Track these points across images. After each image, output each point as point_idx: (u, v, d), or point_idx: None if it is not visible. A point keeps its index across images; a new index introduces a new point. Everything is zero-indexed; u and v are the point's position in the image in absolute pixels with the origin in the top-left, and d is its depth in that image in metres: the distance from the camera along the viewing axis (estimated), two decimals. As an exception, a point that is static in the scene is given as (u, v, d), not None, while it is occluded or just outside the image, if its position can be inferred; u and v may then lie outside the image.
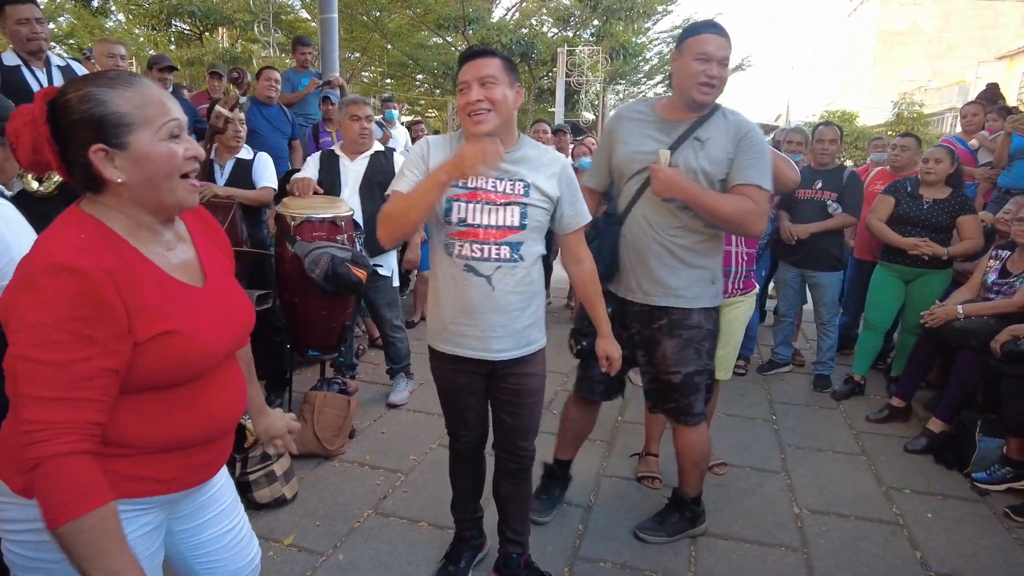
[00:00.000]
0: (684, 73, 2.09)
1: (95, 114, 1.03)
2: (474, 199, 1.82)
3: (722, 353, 2.91)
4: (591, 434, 3.40)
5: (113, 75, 1.08)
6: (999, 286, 3.47)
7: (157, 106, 1.09)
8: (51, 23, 23.37)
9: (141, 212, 1.12)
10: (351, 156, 3.51)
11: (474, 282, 1.85)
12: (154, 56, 5.24)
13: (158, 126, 1.08)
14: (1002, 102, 5.25)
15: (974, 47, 42.28)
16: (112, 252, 1.05)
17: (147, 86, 1.10)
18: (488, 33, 14.62)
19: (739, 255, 2.75)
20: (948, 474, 3.17)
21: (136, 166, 1.07)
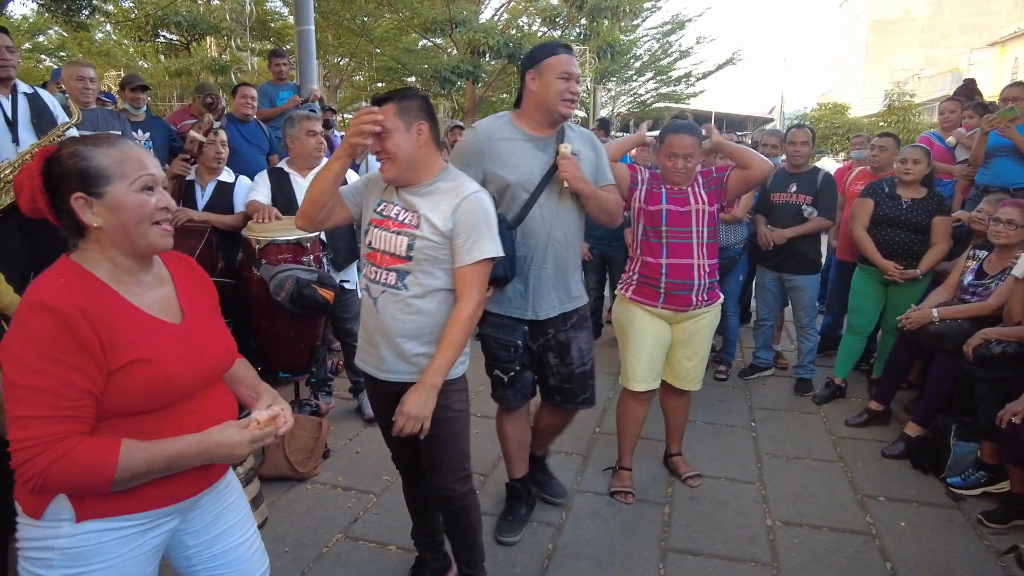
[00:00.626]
0: (548, 91, 2.25)
1: (79, 167, 1.21)
2: (380, 225, 1.92)
3: (690, 365, 2.92)
4: (566, 447, 3.42)
5: (101, 137, 1.28)
6: (975, 287, 3.45)
7: (135, 163, 1.25)
8: (41, 36, 23.47)
9: (119, 255, 1.27)
10: (303, 172, 3.47)
11: (367, 302, 1.97)
12: (126, 76, 5.22)
13: (133, 179, 1.24)
14: (979, 98, 5.23)
15: (966, 34, 42.19)
16: (86, 292, 1.19)
17: (129, 146, 1.27)
18: (475, 35, 14.57)
19: (701, 268, 2.73)
20: (924, 479, 3.15)
21: (111, 213, 1.23)
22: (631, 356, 2.84)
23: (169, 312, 1.34)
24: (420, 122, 1.85)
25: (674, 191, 2.75)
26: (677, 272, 2.71)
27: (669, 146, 2.69)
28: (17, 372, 1.13)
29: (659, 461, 3.27)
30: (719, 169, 2.81)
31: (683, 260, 2.71)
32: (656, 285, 2.74)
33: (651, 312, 2.80)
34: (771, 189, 4.20)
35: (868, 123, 23.39)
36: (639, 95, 25.62)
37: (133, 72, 17.70)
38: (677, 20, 21.68)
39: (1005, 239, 3.28)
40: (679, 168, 2.68)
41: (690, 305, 2.75)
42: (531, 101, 2.31)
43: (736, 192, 2.82)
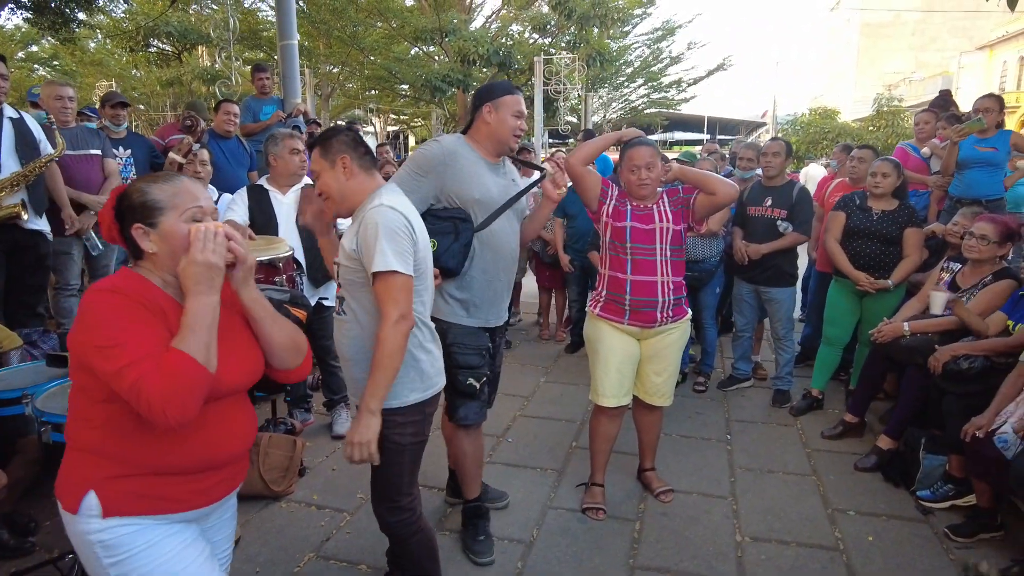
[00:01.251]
0: (503, 126, 2.46)
1: (139, 201, 1.40)
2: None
3: (659, 380, 2.95)
4: (541, 462, 3.45)
5: (162, 175, 1.47)
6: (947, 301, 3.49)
7: (185, 196, 1.43)
8: (34, 46, 23.48)
9: (169, 275, 1.44)
10: (283, 189, 3.50)
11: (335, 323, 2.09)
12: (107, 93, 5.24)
13: (182, 211, 1.42)
14: (954, 109, 5.29)
15: (956, 38, 42.43)
16: (145, 290, 1.39)
17: (183, 182, 1.46)
18: (465, 44, 14.65)
19: (665, 285, 2.77)
20: (895, 492, 3.18)
21: (163, 240, 1.41)
22: (600, 371, 2.88)
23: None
24: (342, 156, 1.94)
25: (639, 208, 2.79)
26: (641, 289, 2.75)
27: (629, 160, 2.77)
28: (99, 338, 1.29)
29: (633, 476, 3.29)
30: (686, 190, 2.85)
31: (647, 277, 2.75)
32: (621, 302, 2.79)
33: (618, 328, 2.84)
34: (747, 202, 4.24)
35: (858, 127, 23.50)
36: (631, 101, 25.71)
37: (121, 84, 17.73)
38: (667, 26, 21.78)
39: (977, 254, 3.31)
40: (643, 179, 2.73)
41: (655, 322, 2.78)
42: (485, 132, 2.49)
43: (704, 214, 2.85)
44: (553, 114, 15.43)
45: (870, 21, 47.39)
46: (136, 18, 15.80)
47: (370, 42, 17.48)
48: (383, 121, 28.63)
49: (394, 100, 23.42)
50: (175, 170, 3.40)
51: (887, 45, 47.52)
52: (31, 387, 2.37)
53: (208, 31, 14.28)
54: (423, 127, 28.89)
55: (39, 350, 3.28)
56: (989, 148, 4.36)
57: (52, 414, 2.09)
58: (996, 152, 4.37)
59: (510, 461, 3.48)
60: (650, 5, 20.19)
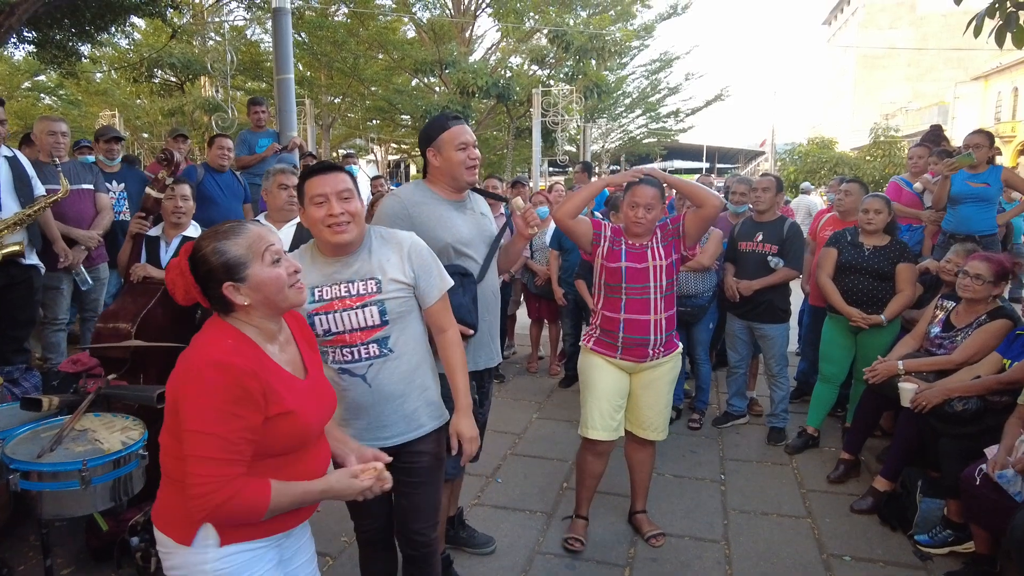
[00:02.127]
0: (451, 163, 2.36)
1: (221, 262, 1.42)
2: (331, 310, 1.89)
3: (651, 413, 2.94)
4: (530, 504, 3.38)
5: (227, 228, 1.46)
6: (941, 339, 3.45)
7: (259, 241, 1.46)
8: (41, 75, 23.81)
9: (263, 321, 1.49)
10: (278, 225, 3.49)
11: (351, 382, 1.93)
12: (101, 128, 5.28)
13: (262, 257, 1.45)
14: (945, 144, 5.30)
15: (951, 68, 43.02)
16: (251, 353, 1.43)
17: (250, 229, 1.47)
18: (465, 76, 14.84)
19: (658, 323, 2.80)
20: (892, 536, 3.10)
21: (255, 291, 1.45)
22: (590, 403, 2.92)
23: (297, 369, 1.57)
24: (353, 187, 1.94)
25: (633, 247, 2.81)
26: (634, 328, 2.79)
27: (632, 195, 2.77)
28: (199, 419, 1.34)
29: (623, 518, 3.22)
30: (673, 221, 2.88)
31: (640, 316, 2.78)
32: (614, 339, 2.82)
33: (610, 362, 2.87)
34: (738, 237, 4.22)
35: (856, 156, 23.66)
36: (629, 131, 25.96)
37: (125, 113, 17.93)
38: (665, 58, 22.09)
39: (971, 293, 3.28)
40: (640, 217, 2.75)
41: (646, 357, 2.82)
42: (437, 174, 2.42)
43: (696, 235, 2.88)
44: (552, 144, 15.57)
45: (866, 52, 48.08)
46: (140, 49, 16.05)
47: (371, 74, 17.72)
48: (384, 150, 28.89)
49: (395, 130, 23.67)
50: (150, 205, 3.36)
51: (883, 75, 48.19)
52: (2, 431, 2.32)
53: (208, 63, 14.55)
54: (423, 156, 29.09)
55: (20, 388, 3.23)
56: (982, 184, 4.35)
57: (20, 461, 2.04)
58: (988, 188, 4.36)
59: (499, 503, 3.40)
60: (647, 37, 20.53)
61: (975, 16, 3.73)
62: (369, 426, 1.96)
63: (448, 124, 2.37)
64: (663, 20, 19.95)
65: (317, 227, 1.85)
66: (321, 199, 1.83)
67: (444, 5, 18.70)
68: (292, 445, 1.49)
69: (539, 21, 16.88)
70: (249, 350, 1.44)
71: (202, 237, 1.47)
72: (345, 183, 1.86)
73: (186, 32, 15.18)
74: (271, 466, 1.46)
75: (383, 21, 17.79)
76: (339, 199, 1.82)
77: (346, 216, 1.82)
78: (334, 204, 1.81)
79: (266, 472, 1.44)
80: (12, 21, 5.60)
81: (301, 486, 1.48)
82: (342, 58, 16.59)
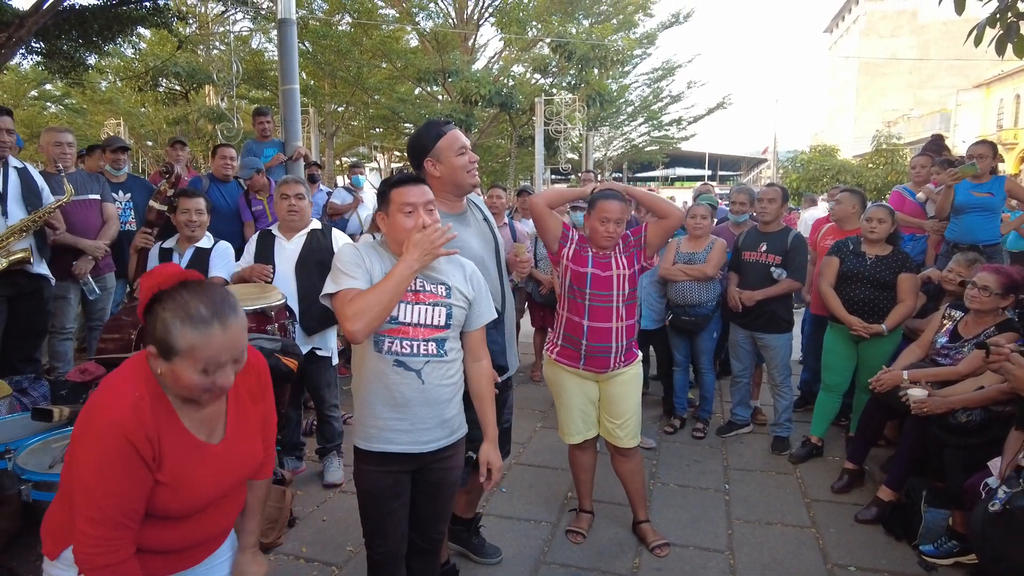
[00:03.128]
0: (453, 169, 2.34)
1: (160, 335, 1.35)
2: (405, 299, 1.93)
3: (619, 422, 3.00)
4: (535, 514, 3.39)
5: (195, 314, 1.34)
6: (948, 350, 3.45)
7: (205, 352, 1.35)
8: (48, 84, 23.96)
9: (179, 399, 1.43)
10: (287, 235, 3.52)
11: (405, 376, 1.95)
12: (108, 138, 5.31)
13: (195, 362, 1.34)
14: (947, 153, 5.32)
15: (953, 76, 43.05)
16: (155, 414, 1.36)
17: (212, 335, 1.34)
18: (468, 84, 14.92)
19: (620, 330, 2.88)
20: (897, 546, 3.10)
21: (170, 375, 1.37)
22: (563, 414, 3.06)
23: (214, 432, 1.50)
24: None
25: (600, 256, 2.89)
26: (597, 335, 2.87)
27: (600, 211, 2.83)
28: (90, 476, 1.31)
29: (627, 527, 3.22)
30: (635, 232, 2.94)
31: (603, 324, 2.87)
32: (578, 347, 2.90)
33: (575, 373, 2.97)
34: (742, 247, 4.24)
35: (858, 164, 23.70)
36: (631, 139, 26.03)
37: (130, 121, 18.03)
38: (667, 66, 22.17)
39: (979, 304, 3.29)
40: (610, 232, 2.82)
41: (608, 367, 2.90)
42: (438, 185, 2.33)
43: (657, 244, 2.96)
44: (554, 153, 15.62)
45: (868, 59, 48.15)
46: (146, 59, 16.16)
47: (374, 82, 17.82)
48: (388, 159, 28.98)
49: (398, 138, 23.76)
50: (154, 218, 3.39)
51: (885, 83, 48.27)
52: (14, 441, 2.35)
53: (213, 72, 14.66)
54: (427, 164, 29.16)
55: (29, 398, 3.26)
56: (985, 193, 4.37)
57: (33, 472, 2.07)
58: (992, 197, 4.39)
59: (504, 513, 3.41)
60: (649, 46, 20.62)
61: (976, 26, 3.76)
62: (411, 428, 1.98)
63: (443, 131, 2.36)
64: (665, 29, 20.07)
65: (405, 234, 1.90)
66: (410, 208, 1.90)
67: (447, 14, 18.83)
68: (171, 514, 1.43)
69: (541, 30, 16.98)
70: (156, 409, 1.38)
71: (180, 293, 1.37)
72: (429, 196, 1.95)
73: (191, 42, 15.27)
74: (149, 527, 1.41)
75: (386, 30, 17.90)
76: (426, 210, 1.92)
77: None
78: (423, 214, 1.90)
79: (152, 527, 1.41)
80: (22, 33, 5.67)
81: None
82: (346, 67, 16.70)
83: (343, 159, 25.03)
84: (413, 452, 1.99)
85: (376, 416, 1.97)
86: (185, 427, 1.42)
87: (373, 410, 1.97)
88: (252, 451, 1.59)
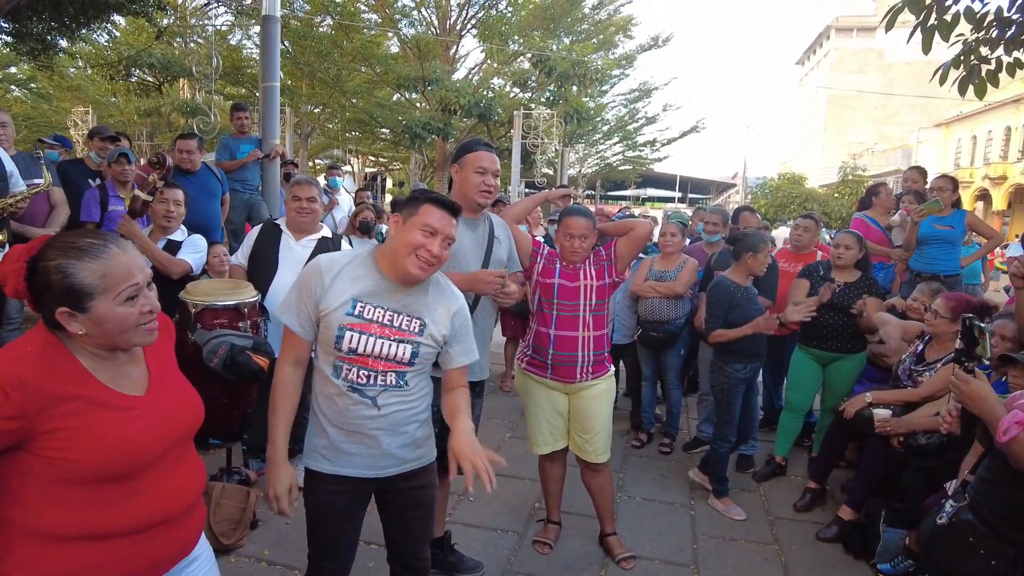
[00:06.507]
0: (467, 182, 2.51)
1: (63, 284, 1.25)
2: (367, 331, 1.83)
3: (588, 437, 3.01)
4: (502, 524, 3.37)
5: (85, 245, 1.27)
6: (911, 371, 3.56)
7: (119, 275, 1.28)
8: (12, 67, 23.27)
9: (97, 349, 1.33)
10: (296, 235, 3.45)
11: (358, 400, 1.87)
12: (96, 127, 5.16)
13: (116, 293, 1.28)
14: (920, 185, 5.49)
15: (915, 113, 44.77)
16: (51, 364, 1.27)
17: (114, 256, 1.29)
18: (447, 94, 14.94)
19: (586, 340, 2.90)
20: (856, 565, 3.17)
21: (95, 324, 1.29)
22: (532, 424, 3.08)
23: (136, 385, 1.41)
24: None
25: (567, 267, 2.95)
26: (563, 344, 2.90)
27: (567, 227, 2.90)
28: None
29: (594, 540, 3.23)
30: (605, 248, 2.99)
31: (569, 333, 2.90)
32: (545, 356, 2.93)
33: (543, 383, 2.98)
34: (715, 267, 4.32)
35: (824, 193, 24.38)
36: (606, 157, 26.35)
37: (98, 111, 17.61)
38: (644, 88, 22.54)
39: (932, 329, 3.42)
40: (576, 247, 2.89)
41: (575, 378, 2.91)
42: (457, 190, 2.56)
43: (628, 258, 2.99)
44: (530, 166, 15.74)
45: (836, 93, 49.73)
46: (120, 48, 15.83)
47: (353, 86, 17.74)
48: (362, 162, 28.81)
49: (374, 143, 23.67)
50: (139, 207, 3.32)
51: (852, 116, 49.92)
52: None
53: (190, 65, 14.42)
54: (401, 171, 29.13)
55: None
56: (946, 227, 4.54)
57: None
58: (952, 230, 4.56)
59: (470, 521, 3.39)
60: (628, 67, 20.95)
61: (942, 66, 3.93)
62: (367, 453, 1.89)
63: (477, 148, 2.56)
64: (644, 51, 20.42)
65: (406, 251, 1.81)
66: (430, 232, 1.81)
67: (429, 23, 18.87)
68: (114, 469, 1.31)
69: (523, 44, 17.15)
70: (52, 361, 1.28)
71: (55, 242, 1.29)
72: (454, 232, 1.87)
73: (168, 33, 15.02)
74: (95, 495, 1.30)
75: (368, 35, 17.86)
76: (443, 243, 1.83)
77: (438, 262, 1.84)
78: (437, 245, 1.81)
79: (89, 501, 1.30)
80: (-7, 12, 5.50)
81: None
82: (325, 69, 16.60)
83: (317, 161, 24.81)
84: (369, 477, 1.92)
85: (333, 438, 1.89)
86: (99, 380, 1.33)
87: (328, 431, 1.89)
88: (188, 404, 1.50)
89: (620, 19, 19.58)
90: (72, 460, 1.26)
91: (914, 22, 3.72)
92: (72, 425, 1.27)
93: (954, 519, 1.96)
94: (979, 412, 1.88)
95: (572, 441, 3.07)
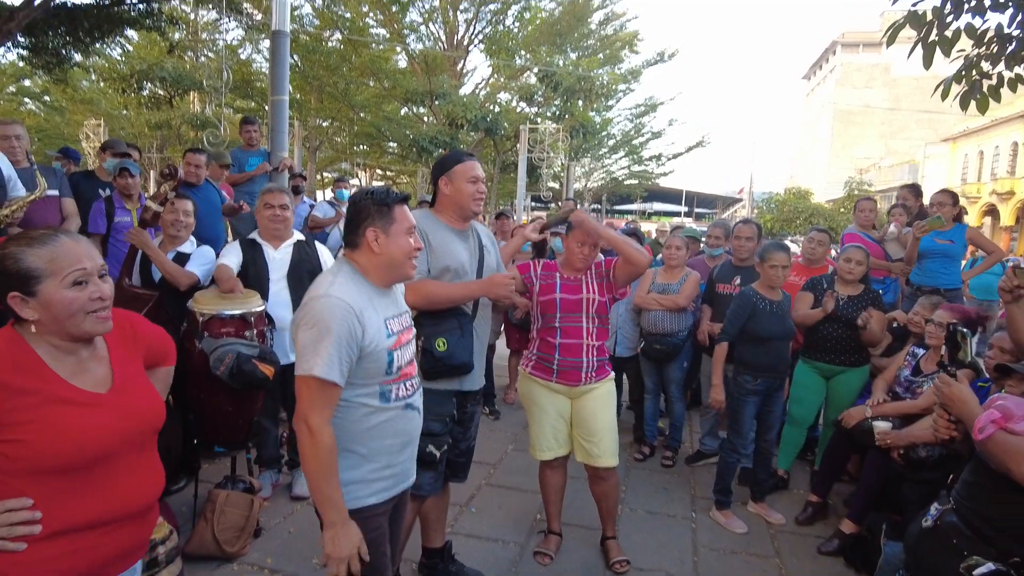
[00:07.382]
0: (461, 193, 2.54)
1: (13, 269, 1.33)
2: (401, 344, 1.87)
3: (595, 440, 3.03)
4: (503, 535, 3.39)
5: (38, 235, 1.37)
6: (909, 383, 3.58)
7: (66, 260, 1.35)
8: (27, 80, 23.63)
9: (55, 339, 1.39)
10: (273, 244, 3.52)
11: (411, 415, 1.93)
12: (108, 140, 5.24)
13: (62, 276, 1.35)
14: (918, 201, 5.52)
15: (922, 128, 44.71)
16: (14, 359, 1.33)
17: (61, 242, 1.37)
18: (454, 108, 15.09)
19: (591, 347, 2.96)
20: (856, 579, 3.17)
21: (44, 308, 1.35)
22: (535, 428, 3.10)
23: (98, 383, 1.45)
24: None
25: (568, 280, 2.99)
26: (568, 351, 2.95)
27: (576, 236, 2.96)
28: None
29: (594, 551, 3.24)
30: (607, 264, 3.02)
31: (574, 340, 2.95)
32: (550, 362, 2.98)
33: (548, 387, 3.02)
34: (717, 280, 4.35)
35: (830, 208, 24.37)
36: (612, 171, 26.44)
37: (110, 123, 17.85)
38: (650, 102, 22.66)
39: (935, 341, 3.44)
40: (585, 254, 2.94)
41: (579, 381, 2.97)
42: (446, 202, 2.58)
43: (624, 281, 3.04)
44: (536, 180, 15.83)
45: (842, 108, 49.79)
46: (132, 61, 16.08)
47: (361, 100, 17.91)
48: (369, 176, 29.01)
49: (381, 156, 23.84)
50: (148, 217, 3.38)
51: (858, 131, 49.87)
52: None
53: (201, 78, 14.63)
54: (408, 184, 29.30)
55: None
56: (947, 241, 4.56)
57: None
58: (953, 245, 4.58)
59: (472, 532, 3.41)
60: (633, 81, 21.10)
61: (943, 81, 3.96)
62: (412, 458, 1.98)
63: (463, 158, 2.58)
64: (650, 66, 20.59)
65: (404, 257, 1.83)
66: (412, 230, 1.86)
67: (437, 38, 19.09)
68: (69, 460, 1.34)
69: (530, 60, 17.31)
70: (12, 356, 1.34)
71: (13, 237, 1.39)
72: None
73: (180, 48, 15.25)
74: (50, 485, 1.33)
75: (376, 50, 18.07)
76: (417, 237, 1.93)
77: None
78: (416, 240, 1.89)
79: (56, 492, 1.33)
80: (12, 26, 5.63)
81: None
82: (333, 83, 16.79)
83: (325, 174, 25.01)
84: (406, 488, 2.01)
85: (392, 465, 1.85)
86: (58, 375, 1.37)
87: (384, 457, 1.83)
88: (150, 406, 1.53)
89: (626, 34, 19.76)
90: (28, 453, 1.31)
91: (916, 38, 3.77)
92: (29, 419, 1.32)
93: (939, 522, 1.98)
94: (958, 414, 1.92)
95: (579, 449, 3.07)
